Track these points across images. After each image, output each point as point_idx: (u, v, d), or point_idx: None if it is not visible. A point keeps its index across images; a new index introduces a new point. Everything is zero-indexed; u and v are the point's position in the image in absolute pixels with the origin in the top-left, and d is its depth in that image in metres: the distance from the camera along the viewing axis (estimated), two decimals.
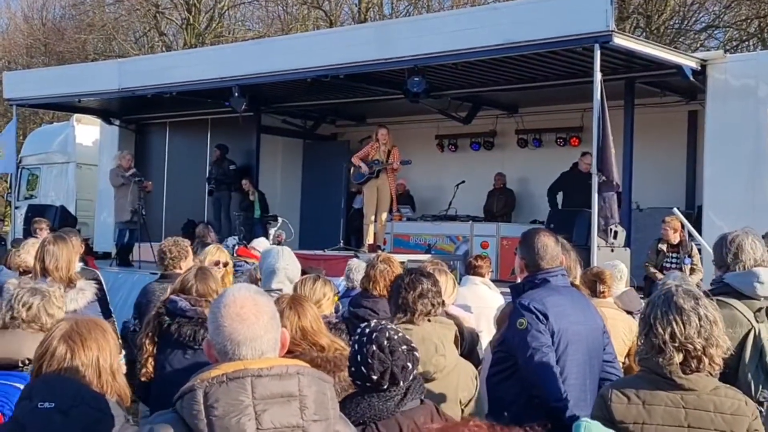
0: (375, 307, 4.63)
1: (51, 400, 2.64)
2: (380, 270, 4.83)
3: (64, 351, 2.74)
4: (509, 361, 3.78)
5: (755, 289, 3.80)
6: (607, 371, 3.87)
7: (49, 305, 3.61)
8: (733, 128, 9.87)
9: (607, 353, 3.94)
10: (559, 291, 3.82)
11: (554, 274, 3.84)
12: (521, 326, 3.66)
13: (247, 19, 32.23)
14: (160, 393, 4.19)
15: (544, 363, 3.59)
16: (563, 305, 3.76)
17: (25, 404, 2.68)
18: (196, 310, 4.17)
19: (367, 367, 2.80)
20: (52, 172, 17.85)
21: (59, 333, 2.79)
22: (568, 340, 3.69)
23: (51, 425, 2.62)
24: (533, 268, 3.86)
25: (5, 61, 33.21)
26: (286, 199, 15.80)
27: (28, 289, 3.63)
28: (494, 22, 9.60)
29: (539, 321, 3.64)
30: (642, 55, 9.59)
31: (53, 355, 2.74)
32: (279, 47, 12.72)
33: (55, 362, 2.74)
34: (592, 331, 3.87)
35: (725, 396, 2.82)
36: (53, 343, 2.77)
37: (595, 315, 3.98)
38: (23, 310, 3.54)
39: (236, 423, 2.00)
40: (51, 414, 2.63)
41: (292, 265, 4.79)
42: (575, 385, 3.66)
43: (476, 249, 11.78)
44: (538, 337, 3.62)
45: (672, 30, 23.19)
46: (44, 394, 2.67)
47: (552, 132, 13.99)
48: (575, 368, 3.69)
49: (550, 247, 3.86)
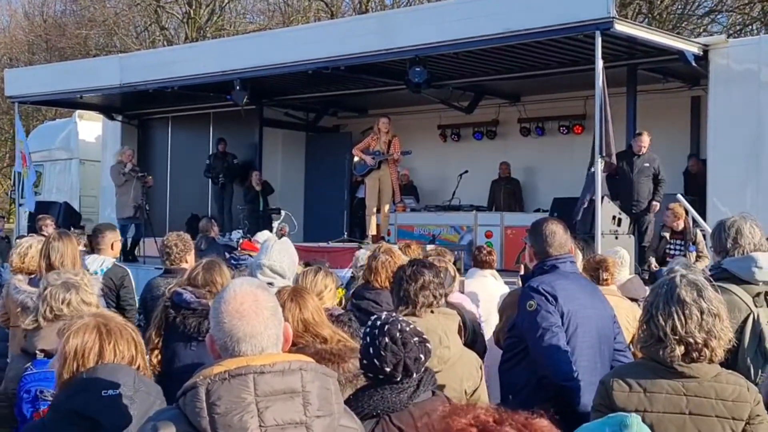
0: (378, 299, 4.64)
1: (114, 388, 2.68)
2: (382, 261, 4.84)
3: (100, 344, 2.76)
4: (520, 345, 3.81)
5: (754, 274, 3.80)
6: (618, 360, 3.89)
7: (84, 295, 3.67)
8: (735, 113, 9.84)
9: (618, 342, 3.97)
10: (567, 276, 3.87)
11: (563, 260, 3.89)
12: (531, 308, 3.71)
13: (248, 12, 32.21)
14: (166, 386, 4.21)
15: (553, 342, 3.62)
16: (572, 289, 3.81)
17: (85, 396, 2.68)
18: (200, 302, 4.19)
19: (381, 360, 2.80)
20: (56, 169, 17.88)
21: (89, 326, 2.78)
22: (578, 323, 3.72)
23: (121, 410, 2.66)
24: (542, 255, 3.92)
25: (6, 58, 33.22)
26: (289, 191, 15.80)
27: (60, 285, 3.67)
28: (495, 11, 9.56)
29: (548, 302, 3.69)
30: (644, 41, 9.55)
31: (91, 349, 2.75)
32: (280, 39, 12.69)
33: (96, 354, 2.75)
34: (602, 317, 3.89)
35: (726, 382, 2.82)
36: (88, 337, 2.76)
37: (604, 302, 4.01)
38: (63, 306, 3.59)
39: (239, 420, 2.00)
40: (119, 400, 2.67)
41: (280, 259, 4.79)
42: (586, 368, 3.68)
43: (480, 239, 11.78)
44: (548, 318, 3.66)
45: (674, 15, 23.08)
46: (106, 382, 2.69)
47: (555, 120, 13.95)
48: (585, 351, 3.72)
49: (558, 235, 3.91)
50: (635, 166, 10.07)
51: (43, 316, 3.58)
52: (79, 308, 3.56)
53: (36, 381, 3.32)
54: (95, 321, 2.83)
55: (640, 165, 10.07)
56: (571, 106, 13.47)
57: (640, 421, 2.14)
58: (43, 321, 3.57)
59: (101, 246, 6.50)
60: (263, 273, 4.73)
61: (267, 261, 4.83)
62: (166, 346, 4.28)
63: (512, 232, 11.59)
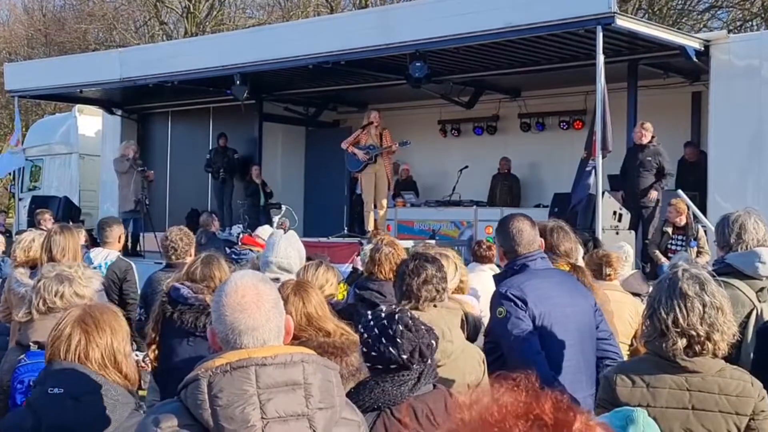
0: (381, 290, 4.64)
1: (61, 386, 2.66)
2: (385, 253, 4.85)
3: (79, 336, 2.75)
4: (498, 350, 3.77)
5: (757, 269, 3.78)
6: (603, 349, 3.84)
7: (77, 287, 3.66)
8: (737, 109, 9.83)
9: (601, 330, 3.89)
10: (538, 275, 3.78)
11: (533, 258, 3.80)
12: (500, 315, 3.65)
13: (247, 7, 32.17)
14: (165, 381, 4.21)
15: (527, 348, 3.56)
16: (544, 288, 3.73)
17: (38, 389, 2.70)
18: (197, 297, 4.18)
19: (397, 347, 2.78)
20: (55, 163, 17.84)
21: (71, 318, 2.79)
22: (552, 322, 3.65)
23: (61, 410, 2.64)
24: (511, 255, 3.84)
25: (6, 52, 33.16)
26: (289, 186, 15.78)
27: (53, 277, 3.66)
28: (496, 6, 9.56)
29: (518, 308, 3.61)
30: (645, 36, 9.54)
31: (67, 341, 2.75)
32: (280, 34, 12.67)
33: (70, 348, 2.74)
34: (581, 311, 3.82)
35: (730, 377, 2.80)
36: (66, 329, 2.77)
37: (583, 295, 3.92)
38: (57, 299, 3.58)
39: (240, 412, 2.00)
40: (61, 399, 2.65)
41: (287, 255, 4.79)
42: (569, 367, 3.64)
43: (480, 234, 11.77)
44: (518, 324, 3.59)
45: (675, 11, 23.05)
46: (56, 379, 2.68)
47: (555, 115, 13.94)
48: (567, 350, 3.66)
49: (525, 232, 3.82)
50: (638, 159, 10.06)
51: (36, 309, 3.57)
52: (72, 301, 3.55)
53: (29, 372, 3.32)
54: (77, 311, 2.83)
55: (642, 158, 10.05)
56: (572, 101, 13.45)
57: (647, 415, 2.13)
58: (36, 313, 3.56)
59: (108, 239, 6.51)
60: (271, 270, 4.73)
61: (274, 258, 4.82)
62: (163, 341, 4.27)
63: None
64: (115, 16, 31.17)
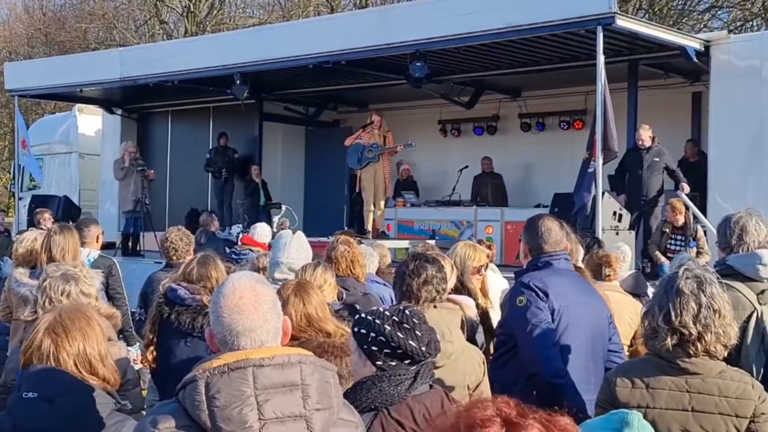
0: (344, 285, 4.80)
1: (35, 390, 2.68)
2: (341, 251, 5.11)
3: (48, 344, 2.78)
4: (510, 342, 3.78)
5: (758, 271, 3.76)
6: (612, 361, 3.85)
7: (84, 286, 3.71)
8: (737, 109, 9.81)
9: (614, 343, 3.93)
10: (561, 273, 3.82)
11: (557, 257, 3.85)
12: (521, 303, 3.67)
13: (247, 6, 32.16)
14: (164, 382, 4.20)
15: (543, 339, 3.58)
16: (565, 286, 3.77)
17: (14, 394, 2.73)
18: (194, 298, 4.17)
19: (417, 339, 2.77)
20: (55, 163, 17.83)
21: (43, 326, 2.82)
22: (569, 320, 3.67)
23: (35, 414, 2.66)
24: (536, 252, 3.88)
25: (6, 51, 33.16)
26: (289, 186, 15.78)
27: (59, 277, 3.68)
28: (496, 6, 9.55)
29: (539, 298, 3.65)
30: (645, 36, 9.53)
31: (39, 348, 2.78)
32: (280, 34, 12.66)
33: (42, 354, 2.77)
34: (597, 315, 3.85)
35: (731, 379, 2.79)
36: (38, 336, 2.80)
37: (600, 301, 3.96)
38: (63, 298, 3.61)
39: (238, 413, 1.99)
40: (36, 403, 2.66)
41: (297, 257, 4.83)
42: (578, 367, 3.64)
43: (480, 234, 11.77)
44: (538, 314, 3.62)
45: (675, 11, 23.04)
46: (30, 384, 2.70)
47: (555, 115, 13.93)
48: (578, 349, 3.67)
49: (553, 231, 3.87)
50: (644, 162, 10.05)
51: (42, 308, 3.58)
52: (78, 299, 3.57)
53: None
54: (49, 317, 2.85)
55: (649, 160, 10.04)
56: (572, 101, 13.44)
57: (641, 418, 2.12)
58: (41, 312, 3.56)
59: (87, 239, 6.60)
60: (281, 271, 4.75)
61: (285, 259, 4.85)
62: (161, 342, 4.27)
63: (512, 227, 11.57)
64: (116, 16, 31.17)
